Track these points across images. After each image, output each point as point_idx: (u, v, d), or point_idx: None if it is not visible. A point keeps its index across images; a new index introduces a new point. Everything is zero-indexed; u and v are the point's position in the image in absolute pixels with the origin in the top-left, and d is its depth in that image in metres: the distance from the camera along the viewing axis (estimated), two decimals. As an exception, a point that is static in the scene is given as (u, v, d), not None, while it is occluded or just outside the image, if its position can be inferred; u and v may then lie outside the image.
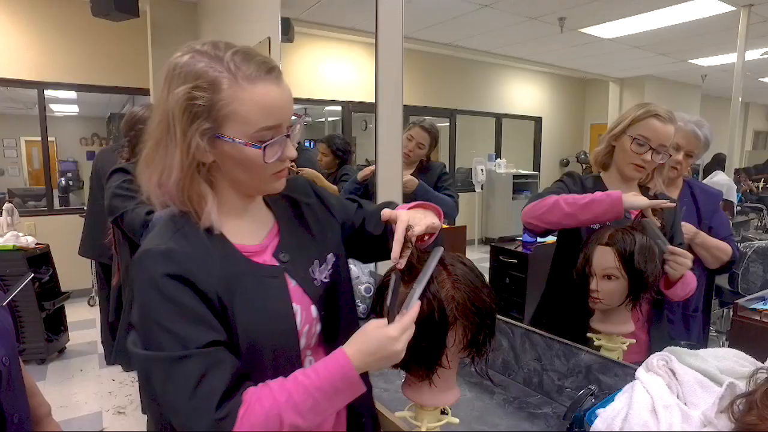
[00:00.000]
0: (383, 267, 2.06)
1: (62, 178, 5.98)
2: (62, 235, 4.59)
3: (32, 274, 0.95)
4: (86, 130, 7.86)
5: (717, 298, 1.33)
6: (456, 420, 1.00)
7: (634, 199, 1.17)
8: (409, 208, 0.91)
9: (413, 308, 0.79)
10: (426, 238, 0.90)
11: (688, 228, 1.26)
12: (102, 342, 3.68)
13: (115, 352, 2.05)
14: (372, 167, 2.16)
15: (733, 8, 1.27)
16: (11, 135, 7.61)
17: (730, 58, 1.29)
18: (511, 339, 1.48)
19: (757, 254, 1.27)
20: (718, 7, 1.31)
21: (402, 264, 0.83)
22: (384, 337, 0.76)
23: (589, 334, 1.29)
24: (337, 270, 0.94)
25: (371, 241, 0.98)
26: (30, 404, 0.99)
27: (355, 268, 1.93)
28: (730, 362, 0.88)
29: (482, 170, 2.39)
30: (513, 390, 1.41)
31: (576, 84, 1.98)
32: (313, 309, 0.87)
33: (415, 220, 0.84)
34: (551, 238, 1.64)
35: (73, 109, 7.74)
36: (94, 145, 7.80)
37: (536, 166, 2.18)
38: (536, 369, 1.39)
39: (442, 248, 0.86)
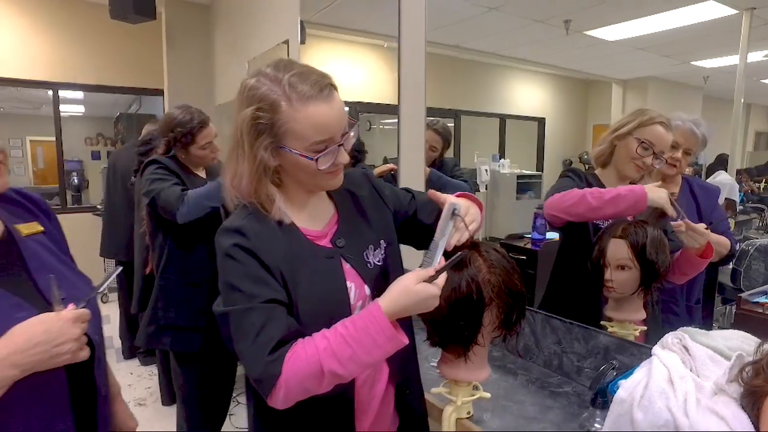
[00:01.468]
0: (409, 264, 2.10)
1: (74, 177, 6.00)
2: (75, 232, 4.61)
3: (121, 268, 1.07)
4: (91, 130, 7.86)
5: (719, 295, 1.38)
6: (487, 395, 1.10)
7: (657, 196, 1.23)
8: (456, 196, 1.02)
9: (442, 261, 0.90)
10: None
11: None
12: (120, 337, 3.75)
13: (138, 338, 2.12)
14: (389, 165, 2.20)
15: (736, 11, 1.30)
16: (17, 135, 7.63)
17: (732, 60, 1.33)
18: (532, 324, 1.55)
19: (759, 252, 1.32)
20: (720, 11, 1.34)
21: (450, 245, 0.93)
22: (414, 278, 0.85)
23: (602, 322, 1.37)
24: (389, 254, 1.05)
25: (424, 228, 1.09)
26: None
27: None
28: (737, 341, 0.95)
29: (486, 170, 2.41)
30: (534, 372, 1.49)
31: (579, 85, 2.00)
32: (366, 288, 0.99)
33: (461, 209, 0.96)
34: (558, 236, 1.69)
35: (79, 109, 7.75)
36: (98, 145, 7.82)
37: (540, 166, 2.20)
38: (556, 352, 1.47)
39: (456, 205, 0.94)
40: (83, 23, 4.80)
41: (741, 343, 0.94)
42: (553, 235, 1.78)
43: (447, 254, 0.94)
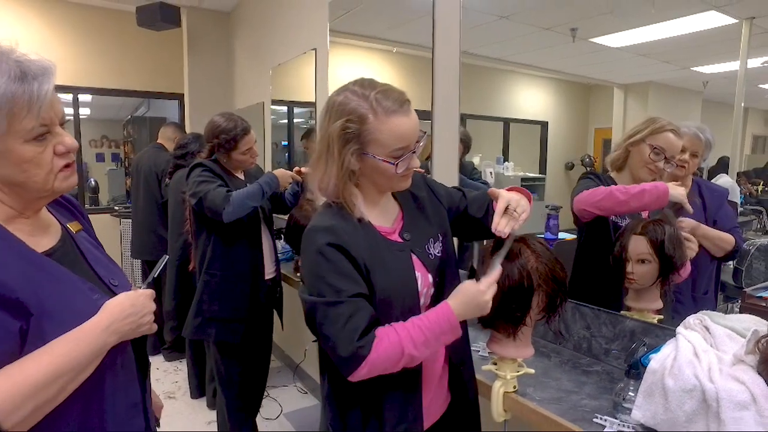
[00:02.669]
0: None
1: (92, 179, 6.04)
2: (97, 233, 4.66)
3: (168, 257, 1.18)
4: (95, 133, 7.88)
5: (722, 293, 1.45)
6: (532, 371, 1.24)
7: (678, 192, 1.33)
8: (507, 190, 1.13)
9: (496, 271, 1.02)
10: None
11: (688, 222, 1.41)
12: None
13: (185, 330, 2.24)
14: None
15: (736, 20, 1.35)
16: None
17: (730, 66, 1.37)
18: (562, 312, 1.63)
19: (759, 251, 1.38)
20: (721, 20, 1.38)
21: (505, 233, 1.03)
22: (476, 291, 1.02)
23: (623, 312, 1.47)
24: (445, 246, 1.16)
25: (473, 222, 1.23)
26: None
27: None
28: (750, 323, 1.07)
29: (491, 173, 2.45)
30: (566, 354, 1.60)
31: (581, 89, 2.03)
32: (430, 276, 1.11)
33: (513, 201, 1.06)
34: (570, 236, 1.77)
35: (85, 112, 7.77)
36: (103, 147, 7.87)
37: (542, 169, 2.22)
38: (585, 336, 1.57)
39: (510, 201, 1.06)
40: (104, 30, 4.88)
41: (753, 324, 1.05)
42: (564, 235, 1.85)
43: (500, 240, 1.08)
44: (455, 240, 1.29)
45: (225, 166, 2.21)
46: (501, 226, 1.04)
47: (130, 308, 0.90)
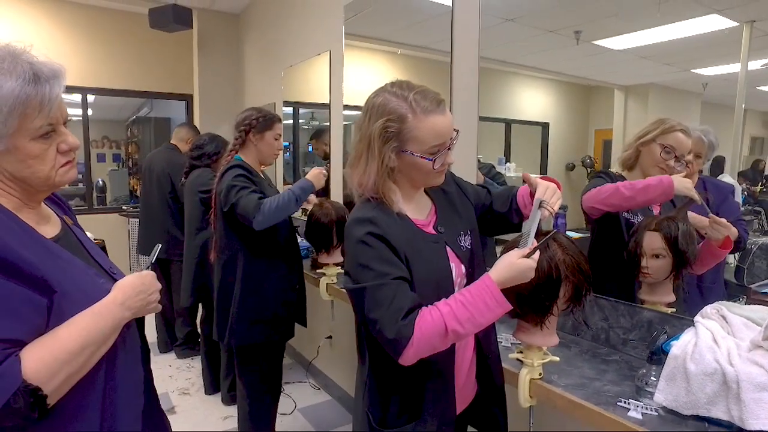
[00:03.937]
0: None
1: (99, 179, 6.02)
2: (99, 232, 4.65)
3: (159, 245, 1.22)
4: (96, 133, 7.86)
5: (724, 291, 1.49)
6: (557, 358, 1.29)
7: (683, 186, 1.37)
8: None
9: (534, 242, 1.07)
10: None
11: (692, 216, 1.44)
12: (156, 328, 3.82)
13: (223, 331, 2.25)
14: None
15: (737, 23, 1.38)
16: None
17: (729, 68, 1.41)
18: (586, 302, 1.67)
19: (761, 250, 1.42)
20: (722, 23, 1.42)
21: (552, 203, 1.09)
22: (516, 254, 1.03)
23: (636, 305, 1.52)
24: (473, 241, 1.21)
25: (497, 217, 1.28)
26: None
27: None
28: (765, 312, 1.13)
29: None
30: (584, 345, 1.64)
31: (581, 91, 2.05)
32: (463, 267, 1.15)
33: (550, 189, 1.11)
34: (577, 234, 1.81)
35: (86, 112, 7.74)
36: (104, 148, 7.83)
37: (543, 169, 2.22)
38: (603, 327, 1.62)
39: (544, 201, 1.11)
40: (114, 31, 4.91)
41: (767, 315, 1.10)
42: (571, 234, 1.89)
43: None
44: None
45: (255, 156, 2.23)
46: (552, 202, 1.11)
47: (140, 286, 0.98)
